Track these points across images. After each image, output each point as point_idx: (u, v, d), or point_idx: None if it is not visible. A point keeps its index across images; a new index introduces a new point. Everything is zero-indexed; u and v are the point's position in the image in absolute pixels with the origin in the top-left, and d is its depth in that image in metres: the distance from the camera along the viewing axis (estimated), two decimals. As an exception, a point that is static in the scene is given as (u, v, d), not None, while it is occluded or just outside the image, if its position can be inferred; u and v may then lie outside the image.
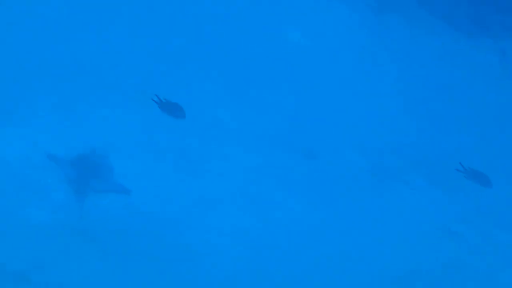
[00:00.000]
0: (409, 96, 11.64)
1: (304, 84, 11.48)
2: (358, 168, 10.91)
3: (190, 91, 11.16)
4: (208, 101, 11.08)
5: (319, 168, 10.79)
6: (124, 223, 9.88)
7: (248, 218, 10.25)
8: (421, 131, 11.38)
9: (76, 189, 9.90)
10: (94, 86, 10.85)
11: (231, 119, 10.98)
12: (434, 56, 12.04)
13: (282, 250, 10.06)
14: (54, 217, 9.73)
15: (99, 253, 9.61)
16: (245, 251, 10.00)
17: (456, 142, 11.34)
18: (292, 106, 11.27)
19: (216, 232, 10.08)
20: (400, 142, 11.22)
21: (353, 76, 11.67)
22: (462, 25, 12.24)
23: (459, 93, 11.84)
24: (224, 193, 10.39)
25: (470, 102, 11.77)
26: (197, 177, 10.43)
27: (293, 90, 11.40)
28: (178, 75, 11.29)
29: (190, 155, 10.57)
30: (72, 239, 9.63)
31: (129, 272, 9.57)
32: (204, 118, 10.92)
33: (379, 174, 10.90)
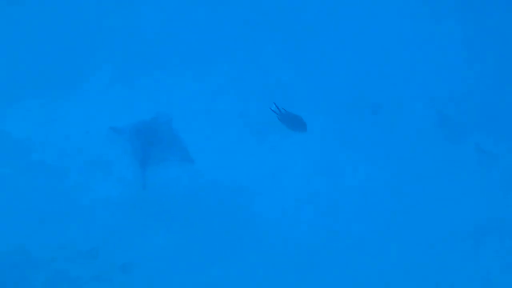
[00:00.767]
0: (475, 44, 11.26)
1: (364, 37, 11.18)
2: (425, 120, 10.67)
3: (250, 50, 10.97)
4: (271, 66, 10.89)
5: (384, 123, 10.58)
6: (190, 193, 9.82)
7: (317, 181, 10.13)
8: (488, 79, 11.04)
9: (141, 159, 9.90)
10: (152, 55, 10.74)
11: (294, 82, 10.78)
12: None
13: (352, 212, 9.94)
14: (119, 191, 9.72)
15: (166, 225, 9.59)
16: (315, 216, 9.91)
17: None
18: (354, 62, 11.02)
19: (285, 198, 9.97)
20: (466, 91, 10.91)
21: (414, 25, 11.31)
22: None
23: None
24: (291, 158, 10.29)
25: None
26: (262, 143, 10.33)
27: (353, 46, 11.13)
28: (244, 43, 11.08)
29: (254, 121, 10.45)
30: (138, 212, 9.62)
31: (197, 244, 9.55)
32: (268, 82, 10.74)
33: (447, 125, 10.64)
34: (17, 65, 10.45)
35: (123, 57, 10.63)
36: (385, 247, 9.77)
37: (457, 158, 10.40)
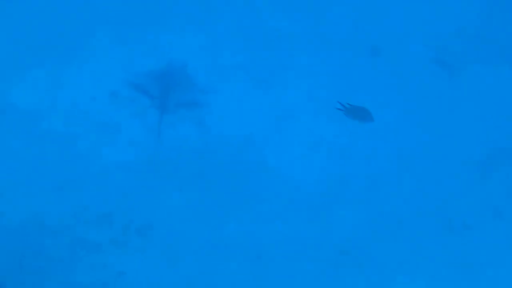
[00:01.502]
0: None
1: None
2: (425, 59, 10.68)
3: (255, 11, 10.98)
4: (270, 14, 10.91)
5: (385, 64, 10.61)
6: (200, 151, 9.90)
7: (324, 126, 10.20)
8: (484, 12, 11.03)
9: (160, 103, 10.05)
10: (147, 12, 10.75)
11: (294, 28, 10.80)
12: None
13: (362, 155, 10.07)
14: (129, 154, 9.77)
15: (179, 184, 9.64)
16: (325, 161, 10.01)
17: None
18: (350, 6, 11.02)
19: (295, 144, 10.07)
20: (463, 26, 10.90)
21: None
22: None
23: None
24: (298, 104, 10.31)
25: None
26: (270, 91, 10.40)
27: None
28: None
29: (260, 69, 10.52)
30: (150, 174, 9.66)
31: (211, 200, 9.61)
32: (267, 31, 10.76)
33: (447, 61, 10.66)
34: (18, 37, 10.46)
35: (122, 18, 10.64)
36: (397, 185, 9.85)
37: (459, 92, 10.45)
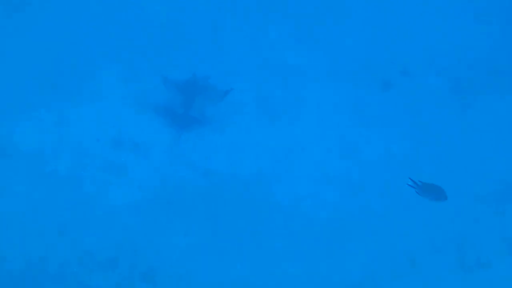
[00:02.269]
0: (480, 7, 11.05)
1: (367, 14, 11.02)
2: (438, 89, 10.51)
3: (257, 36, 10.86)
4: (278, 47, 10.80)
5: (397, 98, 10.44)
6: (205, 190, 9.74)
7: (335, 161, 10.02)
8: (497, 44, 10.80)
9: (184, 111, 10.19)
10: (159, 49, 10.71)
11: (306, 61, 10.66)
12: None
13: (376, 190, 9.83)
14: (134, 195, 9.57)
15: (185, 226, 9.41)
16: (336, 196, 9.85)
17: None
18: (361, 40, 10.87)
19: (306, 180, 9.89)
20: (476, 57, 10.70)
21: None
22: None
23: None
24: (307, 138, 10.12)
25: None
26: (280, 124, 10.22)
27: (358, 23, 10.97)
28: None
29: (269, 103, 10.39)
30: (155, 216, 9.45)
31: (218, 241, 9.38)
32: (279, 64, 10.63)
33: (460, 93, 10.48)
34: (22, 76, 10.40)
35: (127, 55, 10.60)
36: (409, 221, 9.64)
37: (473, 124, 10.26)
